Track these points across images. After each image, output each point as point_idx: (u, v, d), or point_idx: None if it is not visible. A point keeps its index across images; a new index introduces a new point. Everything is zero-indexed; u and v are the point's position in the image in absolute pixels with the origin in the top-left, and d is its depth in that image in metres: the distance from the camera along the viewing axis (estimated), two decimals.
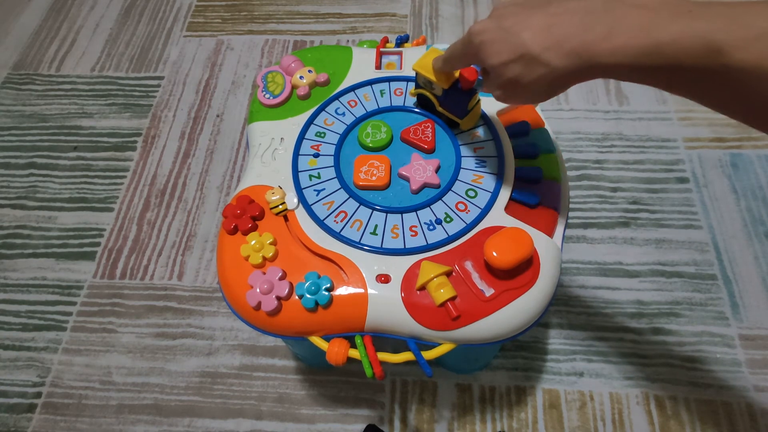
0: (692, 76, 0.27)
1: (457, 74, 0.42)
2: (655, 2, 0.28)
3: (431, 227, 0.43)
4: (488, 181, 0.45)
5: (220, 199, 0.79)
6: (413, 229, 0.43)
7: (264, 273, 0.41)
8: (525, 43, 0.31)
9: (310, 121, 0.50)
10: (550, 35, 0.30)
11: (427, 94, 0.47)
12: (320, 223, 0.43)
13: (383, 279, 0.40)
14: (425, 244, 0.41)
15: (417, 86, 0.48)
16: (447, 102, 0.46)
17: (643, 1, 0.28)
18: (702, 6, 0.27)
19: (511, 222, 0.42)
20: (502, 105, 0.50)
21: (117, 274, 0.73)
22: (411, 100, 0.51)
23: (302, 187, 0.46)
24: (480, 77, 0.39)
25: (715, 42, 0.25)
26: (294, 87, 0.52)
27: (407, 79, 0.52)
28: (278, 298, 0.40)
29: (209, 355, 0.66)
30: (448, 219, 0.43)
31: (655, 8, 0.28)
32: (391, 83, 0.52)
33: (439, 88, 0.44)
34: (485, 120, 0.48)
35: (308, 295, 0.39)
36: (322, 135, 0.49)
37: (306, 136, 0.49)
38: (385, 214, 0.44)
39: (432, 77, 0.43)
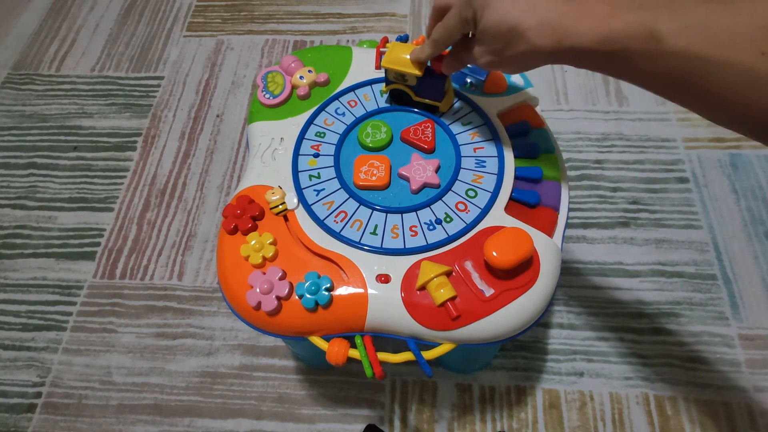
0: (637, 62, 0.30)
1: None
2: None
3: (431, 227, 0.43)
4: (488, 181, 0.45)
5: (220, 199, 0.79)
6: (413, 229, 0.43)
7: (264, 273, 0.41)
8: (517, 17, 0.33)
9: (310, 121, 0.50)
10: (535, 15, 0.33)
11: (401, 87, 0.48)
12: (320, 223, 0.43)
13: (383, 279, 0.40)
14: (425, 244, 0.41)
15: (388, 83, 0.49)
16: (423, 89, 0.47)
17: None
18: None
19: (511, 222, 0.42)
20: (502, 105, 0.50)
21: (117, 274, 0.73)
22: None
23: (302, 187, 0.46)
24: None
25: (656, 30, 0.29)
26: (294, 87, 0.52)
27: None
28: (278, 298, 0.40)
29: (209, 355, 0.66)
30: (448, 219, 0.43)
31: (617, 1, 0.31)
32: None
33: (413, 77, 0.45)
34: (485, 120, 0.48)
35: (308, 295, 0.39)
36: (322, 135, 0.49)
37: (306, 136, 0.49)
38: (385, 214, 0.44)
39: (404, 69, 0.44)
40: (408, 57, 0.44)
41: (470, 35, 0.40)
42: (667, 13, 0.29)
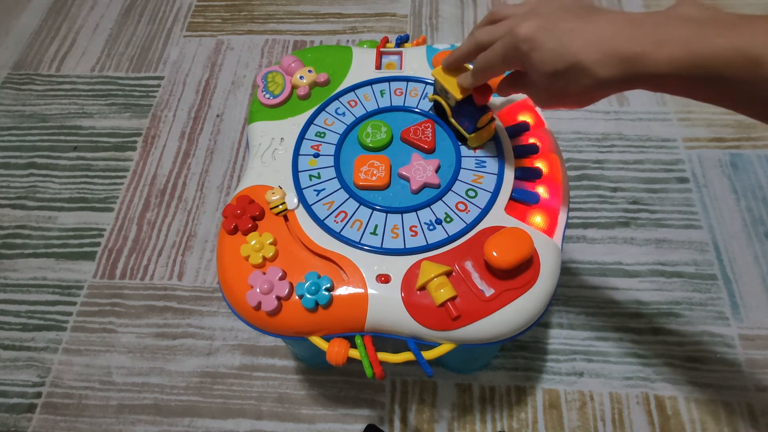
0: (733, 87, 0.28)
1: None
2: (702, 15, 0.29)
3: (431, 227, 0.43)
4: (488, 181, 0.45)
5: (220, 199, 0.79)
6: (413, 229, 0.43)
7: (264, 273, 0.41)
8: (576, 53, 0.31)
9: (310, 121, 0.50)
10: (598, 46, 0.30)
11: (442, 102, 0.46)
12: (320, 223, 0.43)
13: (383, 279, 0.40)
14: (425, 244, 0.41)
15: (434, 92, 0.47)
16: (458, 114, 0.45)
17: (689, 14, 0.29)
18: (745, 20, 0.27)
19: (511, 222, 0.42)
20: (502, 105, 0.50)
21: (117, 274, 0.73)
22: (411, 101, 0.51)
23: (302, 187, 0.46)
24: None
25: (756, 55, 0.26)
26: (294, 87, 0.52)
27: (407, 79, 0.52)
28: (278, 298, 0.40)
29: (209, 355, 0.66)
30: (448, 219, 0.43)
31: (701, 21, 0.28)
32: (391, 83, 0.52)
33: (453, 98, 0.43)
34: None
35: (308, 295, 0.39)
36: (322, 135, 0.49)
37: (306, 136, 0.49)
38: (385, 214, 0.44)
39: (448, 86, 0.43)
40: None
41: None
42: (766, 35, 0.26)
